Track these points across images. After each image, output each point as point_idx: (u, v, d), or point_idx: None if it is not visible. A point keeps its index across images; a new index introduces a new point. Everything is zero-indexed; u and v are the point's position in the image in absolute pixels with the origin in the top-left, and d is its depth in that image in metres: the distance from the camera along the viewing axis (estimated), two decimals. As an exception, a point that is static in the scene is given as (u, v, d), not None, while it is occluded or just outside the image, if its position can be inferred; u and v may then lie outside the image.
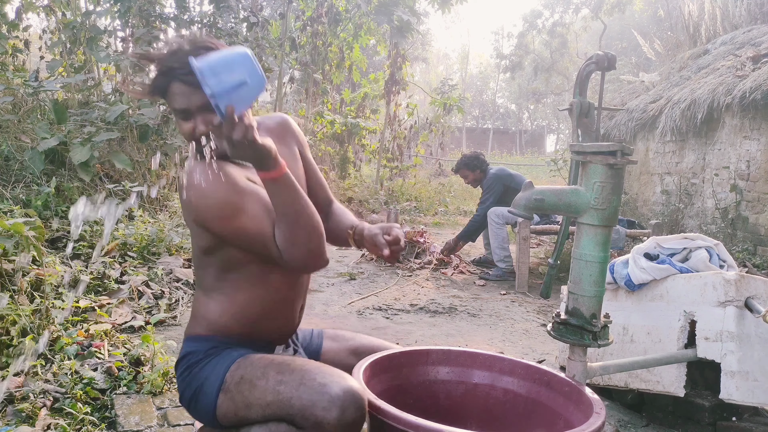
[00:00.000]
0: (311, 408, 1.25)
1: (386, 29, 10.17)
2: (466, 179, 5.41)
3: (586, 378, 1.66)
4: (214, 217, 1.35)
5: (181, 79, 1.29)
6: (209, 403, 1.38)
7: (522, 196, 1.63)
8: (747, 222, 6.35)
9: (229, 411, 1.36)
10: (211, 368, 1.40)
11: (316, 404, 1.25)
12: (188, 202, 1.38)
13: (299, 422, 1.26)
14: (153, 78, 1.32)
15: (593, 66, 1.73)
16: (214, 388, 1.37)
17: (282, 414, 1.28)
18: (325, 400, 1.25)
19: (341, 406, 1.25)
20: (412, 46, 15.29)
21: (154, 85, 1.33)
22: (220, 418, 1.39)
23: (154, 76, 1.32)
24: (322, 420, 1.23)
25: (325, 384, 1.27)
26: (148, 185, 5.39)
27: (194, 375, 1.41)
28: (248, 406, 1.32)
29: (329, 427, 1.24)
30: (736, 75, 6.68)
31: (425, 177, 12.63)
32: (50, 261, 3.11)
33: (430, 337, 3.25)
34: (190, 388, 1.42)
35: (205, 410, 1.40)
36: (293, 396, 1.27)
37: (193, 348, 1.45)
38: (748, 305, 1.94)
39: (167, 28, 6.97)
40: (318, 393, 1.26)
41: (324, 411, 1.24)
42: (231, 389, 1.35)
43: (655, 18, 22.47)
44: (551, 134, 38.96)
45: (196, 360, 1.43)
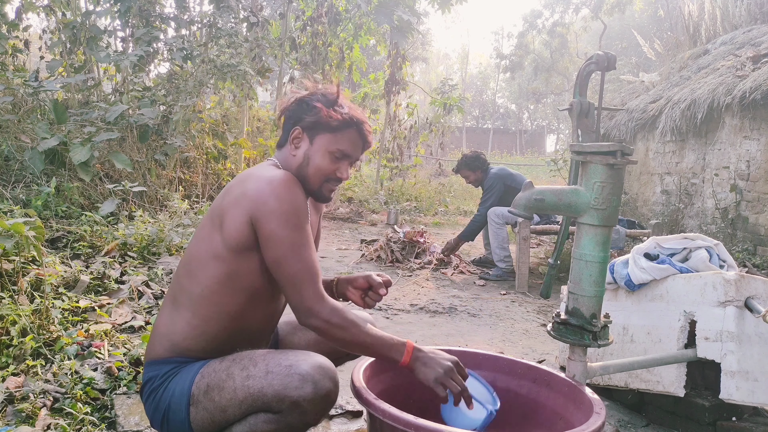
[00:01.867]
0: (284, 391, 1.27)
1: (386, 29, 10.17)
2: (467, 179, 5.41)
3: (586, 378, 1.66)
4: (278, 217, 1.37)
5: (363, 135, 1.55)
6: (182, 420, 1.38)
7: (522, 196, 1.63)
8: (747, 222, 6.35)
9: (205, 420, 1.36)
10: (174, 386, 1.40)
11: (287, 386, 1.27)
12: (254, 195, 1.39)
13: (276, 408, 1.28)
14: (348, 116, 1.53)
15: (593, 66, 1.73)
16: (183, 405, 1.38)
17: (258, 406, 1.30)
18: (295, 380, 1.27)
19: (313, 380, 1.28)
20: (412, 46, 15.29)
21: (345, 120, 1.52)
22: (197, 430, 1.39)
23: (350, 116, 1.53)
24: (298, 399, 1.26)
25: (291, 365, 1.30)
26: (148, 185, 5.40)
27: (159, 398, 1.42)
28: (223, 410, 1.33)
29: (306, 403, 1.27)
30: (736, 75, 6.68)
31: (425, 177, 12.62)
32: (50, 261, 3.11)
33: (430, 337, 3.25)
34: (159, 411, 1.42)
35: (179, 427, 1.40)
36: (263, 386, 1.29)
37: (152, 373, 1.45)
38: (748, 305, 1.94)
39: (167, 28, 6.97)
40: (287, 375, 1.28)
41: (297, 390, 1.26)
42: (200, 400, 1.36)
43: (655, 18, 22.47)
44: (551, 134, 38.97)
45: (158, 384, 1.43)
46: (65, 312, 2.68)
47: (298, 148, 1.54)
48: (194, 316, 1.44)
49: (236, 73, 6.37)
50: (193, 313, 1.44)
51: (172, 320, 1.46)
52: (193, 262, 1.48)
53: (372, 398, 1.35)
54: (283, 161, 1.57)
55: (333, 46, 10.12)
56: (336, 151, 1.52)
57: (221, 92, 7.31)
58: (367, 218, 8.20)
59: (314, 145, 1.52)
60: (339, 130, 1.52)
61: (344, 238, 6.59)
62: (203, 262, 1.45)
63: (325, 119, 1.51)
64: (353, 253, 5.63)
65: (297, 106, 1.56)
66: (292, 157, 1.54)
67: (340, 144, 1.52)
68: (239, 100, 7.52)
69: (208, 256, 1.44)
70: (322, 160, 1.52)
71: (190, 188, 6.22)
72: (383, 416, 1.29)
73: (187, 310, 1.45)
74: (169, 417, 1.40)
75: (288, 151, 1.56)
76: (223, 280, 1.42)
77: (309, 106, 1.53)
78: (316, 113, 1.52)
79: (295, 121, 1.55)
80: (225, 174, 6.69)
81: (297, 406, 1.27)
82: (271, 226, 1.37)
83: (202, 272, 1.44)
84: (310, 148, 1.52)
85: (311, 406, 1.27)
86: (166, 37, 6.85)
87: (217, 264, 1.43)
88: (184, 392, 1.38)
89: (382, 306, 3.83)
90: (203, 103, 7.02)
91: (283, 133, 1.59)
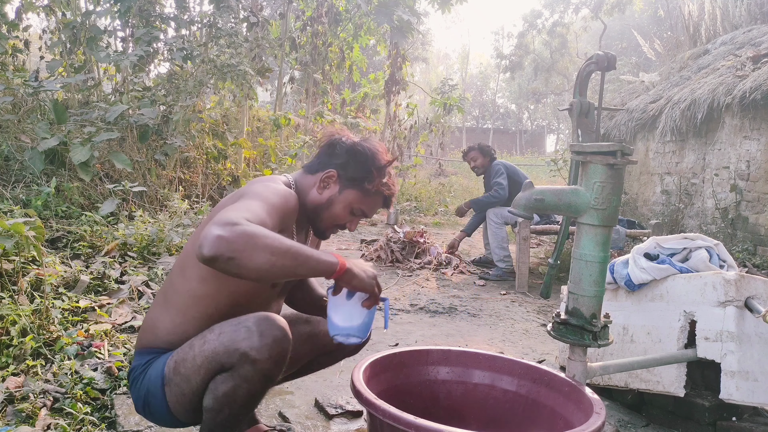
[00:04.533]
0: (232, 345, 1.31)
1: (386, 29, 10.17)
2: (474, 162, 5.41)
3: (586, 378, 1.66)
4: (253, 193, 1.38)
5: (387, 204, 1.62)
6: (159, 402, 1.43)
7: (522, 196, 1.63)
8: (747, 222, 6.35)
9: (177, 396, 1.41)
10: (152, 371, 1.45)
11: (235, 340, 1.31)
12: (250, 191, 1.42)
13: (229, 364, 1.32)
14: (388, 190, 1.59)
15: (593, 66, 1.73)
16: (159, 388, 1.42)
17: (215, 367, 1.34)
18: (242, 332, 1.31)
19: (258, 330, 1.31)
20: (412, 46, 15.29)
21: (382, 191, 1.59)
22: (175, 411, 1.44)
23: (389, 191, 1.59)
24: (246, 349, 1.30)
25: (240, 321, 1.34)
26: (148, 185, 5.40)
27: (140, 385, 1.47)
28: (188, 379, 1.38)
29: (253, 352, 1.30)
30: (736, 75, 6.68)
31: (425, 177, 12.62)
32: (50, 261, 3.11)
33: (430, 337, 3.25)
34: (140, 397, 1.47)
35: (159, 410, 1.45)
36: (216, 346, 1.33)
37: (136, 363, 1.51)
38: (748, 305, 1.94)
39: (167, 28, 6.97)
40: (235, 331, 1.32)
41: (245, 341, 1.30)
42: (171, 377, 1.41)
43: (655, 18, 22.47)
44: (551, 134, 38.96)
45: (139, 372, 1.48)
46: (65, 312, 2.68)
47: (326, 188, 1.56)
48: (178, 314, 1.48)
49: (236, 73, 6.37)
50: (178, 311, 1.48)
51: (161, 315, 1.51)
52: (186, 261, 1.51)
53: (372, 398, 1.35)
54: (301, 189, 1.58)
55: (333, 46, 10.12)
56: (358, 209, 1.59)
57: (221, 92, 7.31)
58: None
59: (342, 194, 1.56)
60: (370, 194, 1.58)
61: (344, 238, 6.59)
62: (195, 261, 1.46)
63: (365, 183, 1.55)
64: (353, 253, 5.63)
65: (347, 153, 1.57)
66: (317, 193, 1.56)
67: (364, 205, 1.59)
68: (239, 100, 7.52)
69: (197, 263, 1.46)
70: (342, 211, 1.57)
71: (190, 188, 6.22)
72: (383, 416, 1.29)
73: (174, 307, 1.49)
74: (149, 401, 1.45)
75: (313, 185, 1.57)
76: (211, 281, 1.45)
77: (358, 161, 1.55)
78: (360, 171, 1.55)
79: (338, 164, 1.56)
80: (225, 174, 6.69)
81: (246, 357, 1.30)
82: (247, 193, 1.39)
83: (192, 271, 1.47)
84: (336, 196, 1.56)
85: (259, 354, 1.30)
86: (166, 37, 6.86)
87: (205, 272, 1.45)
88: (158, 375, 1.43)
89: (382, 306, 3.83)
90: (203, 103, 7.02)
91: (317, 162, 1.60)
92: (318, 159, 1.61)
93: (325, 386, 2.34)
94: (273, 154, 7.53)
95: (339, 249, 5.81)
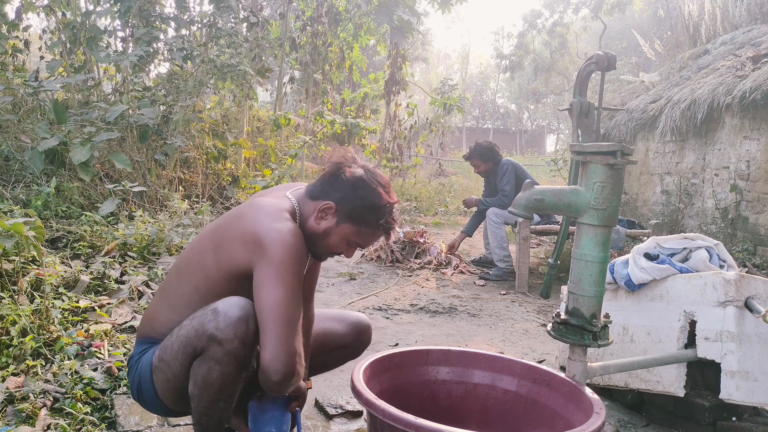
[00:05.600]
0: (201, 328, 1.37)
1: (386, 29, 10.17)
2: (477, 168, 5.36)
3: (586, 378, 1.66)
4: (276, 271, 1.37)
5: (387, 232, 1.58)
6: (149, 389, 1.50)
7: (522, 196, 1.63)
8: (747, 222, 6.35)
9: (163, 383, 1.47)
10: (144, 359, 1.52)
11: (203, 323, 1.37)
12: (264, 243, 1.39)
13: (200, 347, 1.37)
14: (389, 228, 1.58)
15: (593, 66, 1.73)
16: (148, 375, 1.49)
17: (190, 352, 1.39)
18: (209, 315, 1.37)
19: (223, 311, 1.36)
20: (412, 46, 15.29)
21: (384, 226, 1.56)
22: (163, 399, 1.50)
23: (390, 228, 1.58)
24: (214, 331, 1.35)
25: (210, 307, 1.40)
26: (148, 185, 5.40)
27: (134, 372, 1.53)
28: (169, 365, 1.43)
29: (221, 333, 1.34)
30: (736, 75, 6.68)
31: (425, 177, 12.62)
32: (50, 261, 3.11)
33: (430, 337, 3.25)
34: (135, 383, 1.53)
35: (150, 397, 1.52)
36: (188, 331, 1.39)
37: (134, 351, 1.57)
38: (748, 305, 1.94)
39: (167, 28, 6.97)
40: (205, 316, 1.38)
41: (211, 323, 1.35)
42: (157, 365, 1.47)
43: (655, 18, 22.47)
44: (551, 134, 38.94)
45: (135, 361, 1.55)
46: (65, 312, 2.68)
47: (323, 219, 1.55)
48: (172, 311, 1.52)
49: (236, 73, 6.37)
50: (172, 309, 1.53)
51: (159, 308, 1.57)
52: (184, 266, 1.56)
53: (372, 398, 1.35)
54: (303, 215, 1.57)
55: (333, 46, 10.12)
56: (354, 242, 1.59)
57: (221, 92, 7.31)
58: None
59: (338, 227, 1.55)
60: (369, 231, 1.56)
61: (344, 238, 6.58)
62: (192, 270, 1.53)
63: (363, 226, 1.54)
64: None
65: (349, 188, 1.54)
66: (314, 223, 1.56)
67: (360, 239, 1.58)
68: (239, 100, 7.52)
69: (198, 267, 1.51)
70: (339, 243, 1.57)
71: (190, 188, 6.22)
72: (383, 416, 1.29)
73: (169, 305, 1.55)
74: (142, 388, 1.51)
75: (312, 215, 1.56)
76: (205, 293, 1.48)
77: (357, 197, 1.52)
78: (359, 210, 1.53)
79: (337, 197, 1.54)
80: (225, 174, 6.69)
81: (213, 338, 1.35)
82: (268, 272, 1.38)
83: (189, 279, 1.52)
84: (333, 228, 1.55)
85: (224, 334, 1.34)
86: (166, 37, 6.85)
87: (202, 277, 1.50)
88: (148, 362, 1.49)
89: (382, 306, 3.83)
90: (203, 103, 7.02)
91: (319, 187, 1.58)
92: (321, 185, 1.58)
93: (325, 386, 2.34)
94: (273, 154, 7.54)
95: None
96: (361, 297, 4.05)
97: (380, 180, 1.57)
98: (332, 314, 1.86)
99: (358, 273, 4.76)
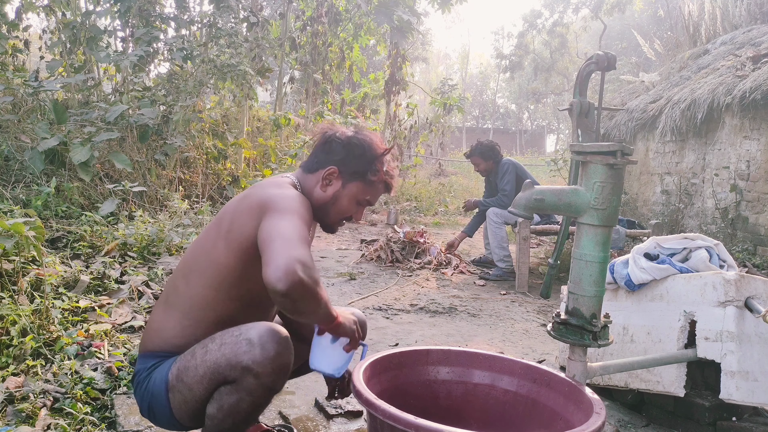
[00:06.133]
0: (234, 357, 1.32)
1: (386, 29, 10.17)
2: (477, 167, 5.35)
3: (586, 378, 1.66)
4: (281, 211, 1.38)
5: (389, 190, 1.65)
6: (163, 406, 1.44)
7: (522, 196, 1.63)
8: (747, 222, 6.35)
9: (181, 403, 1.42)
10: (156, 376, 1.46)
11: (237, 352, 1.32)
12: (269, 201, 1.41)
13: (232, 376, 1.32)
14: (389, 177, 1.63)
15: (593, 66, 1.73)
16: (163, 392, 1.43)
17: (218, 378, 1.35)
18: (244, 345, 1.32)
19: (260, 343, 1.31)
20: (412, 46, 15.28)
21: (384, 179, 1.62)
22: (178, 417, 1.44)
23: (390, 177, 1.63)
24: (249, 363, 1.30)
25: (241, 333, 1.35)
26: (148, 185, 5.40)
27: (144, 389, 1.47)
28: (190, 389, 1.38)
29: (256, 365, 1.30)
30: (736, 75, 6.68)
31: (425, 177, 12.62)
32: (50, 261, 3.11)
33: (430, 337, 3.25)
34: (145, 401, 1.48)
35: (163, 415, 1.46)
36: (218, 358, 1.34)
37: (140, 366, 1.51)
38: (748, 305, 1.93)
39: (167, 28, 6.97)
40: (237, 343, 1.33)
41: (246, 354, 1.31)
42: (174, 384, 1.41)
43: (655, 18, 22.46)
44: (551, 134, 38.95)
45: (144, 376, 1.48)
46: (65, 312, 2.68)
47: (329, 185, 1.58)
48: (185, 317, 1.48)
49: (236, 73, 6.37)
50: (185, 315, 1.48)
51: (165, 319, 1.51)
52: (191, 267, 1.51)
53: (372, 398, 1.35)
54: (306, 189, 1.59)
55: (333, 46, 10.12)
56: (363, 200, 1.62)
57: (221, 92, 7.32)
58: (367, 218, 8.20)
59: (345, 189, 1.58)
60: (373, 184, 1.61)
61: (344, 238, 6.59)
62: (202, 267, 1.48)
63: (368, 175, 1.58)
64: (353, 253, 5.63)
65: (344, 148, 1.58)
66: (321, 191, 1.58)
67: (369, 195, 1.62)
68: (239, 100, 7.52)
69: (207, 263, 1.47)
70: (349, 204, 1.60)
71: (190, 188, 6.22)
72: (383, 416, 1.29)
73: (179, 311, 1.49)
74: (153, 405, 1.46)
75: (316, 184, 1.58)
76: (219, 287, 1.46)
77: (356, 155, 1.57)
78: (361, 164, 1.58)
79: (336, 160, 1.58)
80: (225, 174, 6.69)
81: (249, 371, 1.31)
82: (273, 215, 1.37)
83: (199, 277, 1.48)
84: (341, 191, 1.58)
85: (262, 368, 1.31)
86: (166, 37, 6.86)
87: (214, 271, 1.46)
88: (162, 380, 1.44)
89: (382, 306, 3.83)
90: (203, 103, 7.02)
91: (314, 159, 1.61)
92: (315, 157, 1.62)
93: (325, 386, 2.33)
94: (273, 154, 7.54)
95: (339, 249, 5.81)
96: (361, 297, 4.05)
97: (369, 134, 1.64)
98: None
99: (358, 273, 4.76)
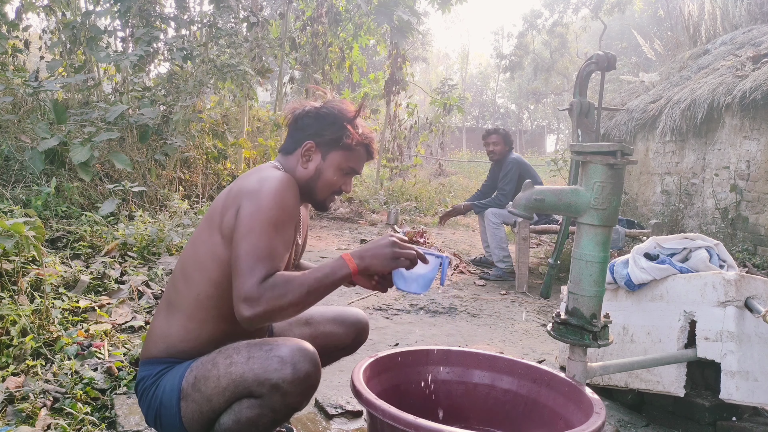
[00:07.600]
0: (264, 374, 1.29)
1: (386, 29, 10.16)
2: (494, 147, 5.28)
3: (586, 378, 1.66)
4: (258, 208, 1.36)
5: (370, 152, 1.61)
6: (173, 415, 1.40)
7: (522, 196, 1.63)
8: (747, 222, 6.35)
9: (194, 413, 1.38)
10: (165, 383, 1.42)
11: (267, 369, 1.29)
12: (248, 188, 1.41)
13: (258, 392, 1.30)
14: (365, 137, 1.58)
15: (593, 66, 1.73)
16: (174, 400, 1.40)
17: (241, 392, 1.32)
18: (275, 362, 1.29)
19: (292, 362, 1.29)
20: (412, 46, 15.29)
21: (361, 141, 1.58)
22: (188, 426, 1.40)
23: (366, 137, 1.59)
24: (278, 381, 1.28)
25: (272, 349, 1.32)
26: (148, 185, 5.40)
27: (151, 396, 1.44)
28: (209, 399, 1.35)
29: (285, 384, 1.28)
30: (736, 75, 6.68)
31: (425, 177, 12.62)
32: (50, 261, 3.11)
33: (430, 337, 3.25)
34: (152, 409, 1.44)
35: (171, 424, 1.42)
36: (245, 371, 1.31)
37: (145, 372, 1.47)
38: (748, 305, 1.94)
39: (167, 28, 6.97)
40: (267, 359, 1.30)
41: (276, 372, 1.28)
42: (189, 393, 1.38)
43: (655, 18, 22.47)
44: (551, 134, 38.95)
45: (150, 383, 1.45)
46: (65, 312, 2.68)
47: (310, 161, 1.56)
48: (190, 319, 1.45)
49: (236, 73, 6.37)
50: (189, 316, 1.45)
51: (168, 323, 1.48)
52: (190, 266, 1.48)
53: (372, 398, 1.35)
54: (289, 169, 1.57)
55: (333, 46, 10.11)
56: (347, 168, 1.58)
57: (221, 92, 7.31)
58: (367, 218, 8.20)
59: (327, 161, 1.56)
60: (352, 149, 1.57)
61: (344, 237, 6.59)
62: (201, 264, 1.46)
63: (344, 139, 1.54)
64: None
65: (315, 120, 1.56)
66: (303, 169, 1.56)
67: (351, 162, 1.58)
68: (239, 100, 7.52)
69: (207, 257, 1.45)
70: (333, 175, 1.57)
71: (190, 188, 6.21)
72: (383, 416, 1.29)
73: (183, 313, 1.46)
74: (161, 413, 1.42)
75: (297, 163, 1.57)
76: (221, 282, 1.43)
77: (328, 123, 1.55)
78: (335, 131, 1.55)
79: (311, 134, 1.56)
80: (225, 174, 6.69)
81: (277, 389, 1.28)
82: (247, 211, 1.36)
83: (200, 275, 1.45)
84: (322, 164, 1.56)
85: (291, 387, 1.29)
86: (166, 37, 6.85)
87: (216, 266, 1.43)
88: (174, 388, 1.40)
89: (382, 306, 3.83)
90: (203, 103, 7.02)
91: (290, 140, 1.60)
92: (290, 137, 1.60)
93: (325, 386, 2.34)
94: (273, 154, 7.53)
95: (339, 249, 5.81)
96: (361, 297, 4.05)
97: (338, 101, 1.61)
98: (332, 316, 1.83)
99: (358, 273, 4.76)
